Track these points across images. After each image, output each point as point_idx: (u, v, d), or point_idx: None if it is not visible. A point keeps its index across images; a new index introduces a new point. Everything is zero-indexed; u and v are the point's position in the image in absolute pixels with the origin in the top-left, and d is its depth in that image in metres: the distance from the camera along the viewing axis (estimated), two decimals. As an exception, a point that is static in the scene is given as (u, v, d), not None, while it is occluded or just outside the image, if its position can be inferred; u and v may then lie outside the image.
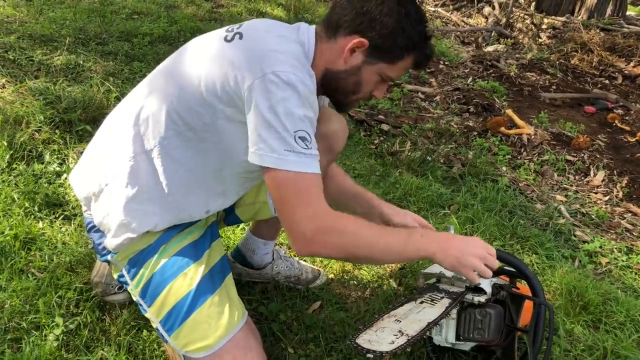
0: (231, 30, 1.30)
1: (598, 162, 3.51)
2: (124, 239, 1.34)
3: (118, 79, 3.27)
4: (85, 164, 1.45)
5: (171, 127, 1.28)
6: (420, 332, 1.30)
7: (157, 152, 1.30)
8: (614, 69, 5.73)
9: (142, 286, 1.34)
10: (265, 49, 1.20)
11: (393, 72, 1.33)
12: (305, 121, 1.18)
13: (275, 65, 1.16)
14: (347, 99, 1.38)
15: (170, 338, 1.31)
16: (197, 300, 1.30)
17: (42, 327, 1.61)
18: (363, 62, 1.30)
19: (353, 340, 1.24)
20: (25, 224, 1.98)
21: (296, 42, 1.27)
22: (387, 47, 1.27)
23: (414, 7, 1.28)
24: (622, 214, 2.98)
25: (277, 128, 1.15)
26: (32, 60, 3.25)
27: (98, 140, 1.45)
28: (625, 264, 2.43)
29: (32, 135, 2.48)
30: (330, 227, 1.20)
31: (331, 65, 1.31)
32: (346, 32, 1.28)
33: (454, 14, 7.63)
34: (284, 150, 1.15)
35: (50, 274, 1.78)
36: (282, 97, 1.15)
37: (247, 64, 1.18)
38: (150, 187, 1.32)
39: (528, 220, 2.66)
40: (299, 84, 1.16)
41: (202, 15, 5.19)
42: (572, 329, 1.88)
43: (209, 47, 1.29)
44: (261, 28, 1.30)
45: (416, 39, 1.28)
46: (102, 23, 4.19)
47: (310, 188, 1.19)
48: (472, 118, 4.04)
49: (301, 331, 1.74)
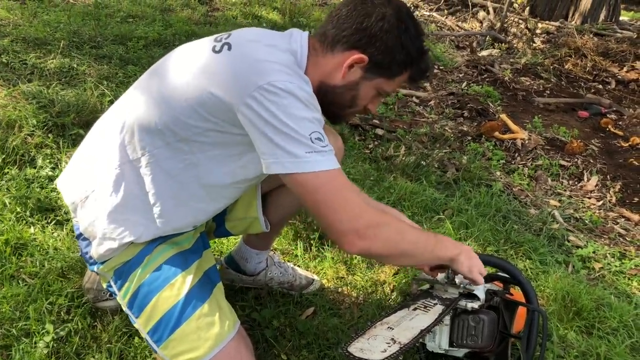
0: (219, 40, 1.27)
1: (591, 167, 3.52)
2: (106, 249, 1.31)
3: (112, 82, 3.25)
4: (73, 169, 1.43)
5: (159, 137, 1.26)
6: (412, 339, 1.29)
7: (146, 161, 1.28)
8: (607, 74, 5.76)
9: (129, 297, 1.32)
10: (255, 60, 1.18)
11: (390, 87, 1.33)
12: (314, 122, 1.17)
13: (269, 76, 1.14)
14: (342, 112, 1.37)
15: (159, 349, 1.29)
16: (185, 311, 1.28)
17: (33, 334, 1.59)
18: (361, 77, 1.28)
19: (345, 349, 1.24)
20: (17, 229, 1.97)
21: (287, 51, 1.25)
22: (386, 64, 1.27)
23: (413, 23, 1.27)
24: (615, 219, 2.99)
25: (290, 134, 1.13)
26: (25, 63, 3.24)
27: (86, 144, 1.43)
28: (619, 269, 2.44)
29: (25, 139, 2.47)
30: (377, 222, 1.22)
31: (327, 79, 1.29)
32: (344, 47, 1.26)
33: (449, 19, 7.66)
34: (305, 153, 1.14)
35: (41, 280, 1.77)
36: (285, 104, 1.13)
37: (239, 77, 1.16)
38: (135, 197, 1.30)
39: (522, 225, 2.67)
40: (297, 90, 1.14)
41: (197, 18, 5.18)
42: (566, 334, 1.88)
43: (197, 57, 1.26)
44: (250, 37, 1.27)
45: (414, 54, 1.28)
46: (96, 26, 4.18)
47: (344, 185, 1.19)
48: (467, 123, 4.05)
49: (294, 337, 1.73)
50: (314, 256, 2.14)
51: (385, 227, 1.23)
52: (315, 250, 2.17)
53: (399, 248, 1.26)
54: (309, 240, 2.20)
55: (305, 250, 2.16)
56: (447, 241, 1.41)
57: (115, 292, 1.37)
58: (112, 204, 1.30)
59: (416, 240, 1.31)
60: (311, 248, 2.17)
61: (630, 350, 1.85)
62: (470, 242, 2.36)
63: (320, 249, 2.18)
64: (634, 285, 2.34)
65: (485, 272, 1.45)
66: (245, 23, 5.48)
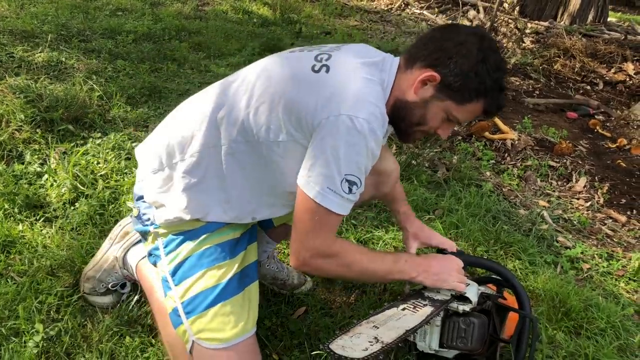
0: (320, 60, 1.34)
1: (580, 168, 3.55)
2: (174, 218, 1.39)
3: (101, 77, 3.22)
4: (154, 139, 1.51)
5: (242, 133, 1.33)
6: (396, 339, 1.29)
7: (225, 150, 1.36)
8: (596, 75, 5.81)
9: (175, 264, 1.41)
10: (348, 90, 1.25)
11: (460, 113, 1.34)
12: (361, 169, 1.25)
13: (353, 110, 1.22)
14: (410, 129, 1.40)
15: (187, 321, 1.37)
16: (224, 294, 1.38)
17: (22, 333, 1.58)
18: (432, 96, 1.32)
19: (327, 346, 1.24)
20: (5, 226, 1.94)
21: (378, 83, 1.31)
22: (457, 87, 1.29)
23: (495, 56, 1.30)
24: (602, 220, 3.02)
25: (331, 167, 1.23)
26: (12, 56, 3.19)
27: (173, 118, 1.51)
28: (606, 270, 2.46)
29: (12, 134, 2.43)
30: (330, 256, 1.34)
31: (402, 95, 1.34)
32: (422, 65, 1.31)
33: (439, 17, 7.67)
34: (327, 187, 1.24)
35: (30, 278, 1.75)
36: (348, 141, 1.21)
37: (328, 100, 1.24)
38: (211, 180, 1.39)
39: (511, 226, 2.69)
40: (369, 134, 1.22)
41: (187, 13, 5.14)
42: (554, 335, 1.90)
43: (296, 70, 1.34)
44: (349, 65, 1.32)
45: (489, 85, 1.29)
46: (85, 19, 4.13)
47: (330, 225, 1.31)
48: (457, 122, 4.07)
49: (286, 337, 1.73)
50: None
51: (333, 261, 1.35)
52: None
53: (343, 276, 1.54)
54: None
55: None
56: (407, 264, 1.46)
57: (160, 256, 1.44)
58: (188, 182, 1.39)
59: (365, 271, 1.41)
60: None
61: (618, 351, 1.87)
62: (460, 242, 2.38)
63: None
64: (621, 286, 2.37)
65: (460, 276, 1.50)
66: (236, 18, 5.45)
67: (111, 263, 1.72)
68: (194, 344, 1.36)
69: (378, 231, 2.36)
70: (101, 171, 2.32)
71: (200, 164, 1.39)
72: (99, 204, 2.13)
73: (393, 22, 7.26)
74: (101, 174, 2.30)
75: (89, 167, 2.33)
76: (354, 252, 1.39)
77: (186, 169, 1.40)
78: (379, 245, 2.25)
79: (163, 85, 3.27)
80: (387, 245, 2.27)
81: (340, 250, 1.36)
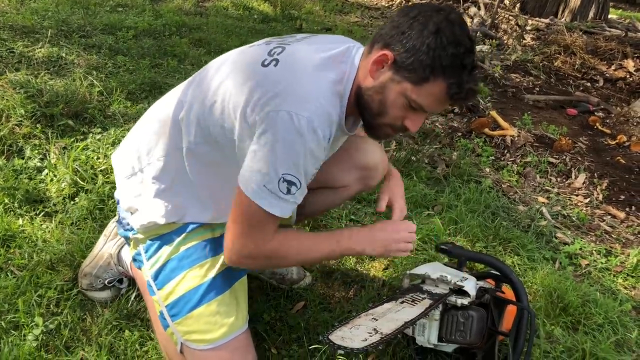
0: (272, 54, 1.28)
1: (579, 164, 3.55)
2: (148, 222, 1.39)
3: (101, 73, 3.22)
4: (126, 144, 1.50)
5: (200, 133, 1.31)
6: (395, 331, 1.30)
7: (187, 151, 1.34)
8: (596, 71, 5.81)
9: (156, 268, 1.39)
10: (292, 86, 1.19)
11: (420, 96, 1.19)
12: (300, 169, 1.18)
13: (294, 107, 1.15)
14: (374, 120, 1.28)
15: (174, 324, 1.35)
16: (208, 294, 1.35)
17: (22, 326, 1.58)
18: (389, 79, 1.20)
19: (326, 337, 1.25)
20: (5, 220, 1.95)
21: (333, 78, 1.23)
22: (410, 64, 1.16)
23: (452, 29, 1.14)
24: (601, 217, 3.03)
25: (268, 164, 1.16)
26: (12, 52, 3.19)
27: (142, 123, 1.50)
28: (604, 266, 2.47)
29: (12, 129, 2.43)
30: (261, 256, 1.29)
31: (362, 82, 1.25)
32: (379, 46, 1.21)
33: (440, 14, 7.66)
34: (263, 185, 1.18)
35: (30, 272, 1.75)
36: (285, 139, 1.15)
37: (271, 95, 1.18)
38: (181, 183, 1.38)
39: (510, 222, 2.69)
40: (308, 133, 1.15)
41: (188, 9, 5.14)
42: (552, 330, 1.90)
43: (246, 66, 1.29)
44: (301, 59, 1.25)
45: (446, 61, 1.14)
46: (85, 15, 4.12)
47: (265, 226, 1.25)
48: (457, 119, 4.07)
49: (284, 331, 1.74)
50: (304, 250, 2.14)
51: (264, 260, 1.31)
52: (305, 244, 2.17)
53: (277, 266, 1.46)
54: (300, 235, 2.20)
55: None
56: (351, 241, 1.37)
57: (143, 261, 1.43)
58: (159, 187, 1.38)
59: (303, 259, 1.41)
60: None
61: (615, 346, 1.88)
62: (459, 237, 2.38)
63: (310, 244, 2.18)
64: (619, 282, 2.37)
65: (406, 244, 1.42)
66: (236, 14, 5.45)
67: (106, 260, 1.73)
68: (182, 345, 1.35)
69: (377, 227, 2.36)
70: (101, 166, 2.33)
71: (168, 168, 1.37)
72: (99, 199, 2.14)
73: (393, 18, 7.25)
74: (101, 169, 2.31)
75: (89, 162, 2.34)
76: (291, 246, 1.32)
77: (155, 174, 1.38)
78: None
79: (163, 81, 3.27)
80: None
81: (273, 249, 1.29)
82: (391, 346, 1.70)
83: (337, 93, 1.23)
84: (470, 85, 1.18)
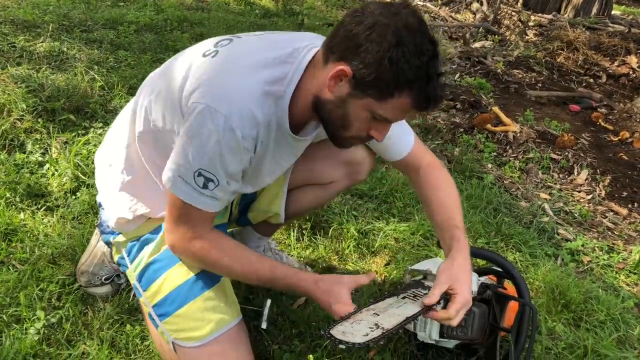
0: (217, 46, 1.25)
1: (582, 160, 3.54)
2: (119, 218, 1.40)
3: (103, 67, 3.22)
4: (103, 143, 1.53)
5: (147, 124, 1.29)
6: (396, 326, 1.29)
7: (138, 140, 1.34)
8: (599, 67, 5.79)
9: (139, 270, 1.38)
10: (219, 80, 1.16)
11: (385, 111, 1.13)
12: (215, 167, 1.16)
13: (215, 102, 1.12)
14: (337, 132, 1.22)
15: (162, 323, 1.34)
16: (193, 290, 1.33)
17: (23, 320, 1.58)
18: (348, 94, 1.12)
19: (327, 332, 1.24)
20: (7, 214, 1.95)
21: (270, 75, 1.17)
22: (371, 80, 1.08)
23: (413, 38, 1.06)
24: (604, 213, 3.02)
25: (183, 155, 1.16)
26: (14, 46, 3.18)
27: (116, 120, 1.52)
28: (606, 262, 2.46)
29: (14, 123, 2.43)
30: (190, 253, 1.29)
31: (320, 93, 1.17)
32: (334, 58, 1.12)
33: (442, 9, 7.64)
34: (178, 176, 1.18)
35: (32, 266, 1.75)
36: (201, 133, 1.13)
37: (198, 86, 1.15)
38: (142, 174, 1.37)
39: (512, 218, 2.69)
40: (224, 132, 1.11)
41: (189, 3, 5.13)
42: (554, 327, 1.90)
43: (190, 55, 1.27)
44: (239, 51, 1.22)
45: (410, 75, 1.06)
46: (86, 10, 4.12)
47: (189, 220, 1.24)
48: (459, 114, 4.06)
49: (286, 327, 1.74)
50: (306, 246, 2.14)
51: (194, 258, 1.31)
52: (307, 239, 2.17)
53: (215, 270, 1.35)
54: (302, 230, 2.20)
55: (298, 240, 2.17)
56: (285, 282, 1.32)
57: (127, 265, 1.43)
58: (123, 179, 1.39)
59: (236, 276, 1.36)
60: (303, 238, 2.17)
61: (617, 343, 1.88)
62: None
63: (312, 239, 2.18)
64: (622, 278, 2.37)
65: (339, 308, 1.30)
66: (238, 9, 5.43)
67: (100, 257, 1.72)
68: (174, 344, 1.34)
69: (379, 222, 2.36)
70: (102, 161, 2.32)
71: (130, 157, 1.38)
72: (100, 194, 2.13)
73: (396, 14, 7.22)
74: (102, 164, 2.31)
75: (90, 156, 2.33)
76: (224, 253, 1.29)
77: (120, 166, 1.40)
78: (379, 236, 2.25)
79: (164, 75, 3.27)
80: (387, 236, 2.27)
81: (200, 249, 1.27)
82: (392, 342, 1.70)
83: (270, 94, 1.16)
84: (436, 93, 1.11)
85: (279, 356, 1.62)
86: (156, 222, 1.40)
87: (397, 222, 2.38)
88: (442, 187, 1.52)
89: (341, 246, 2.16)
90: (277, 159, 1.32)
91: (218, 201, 1.23)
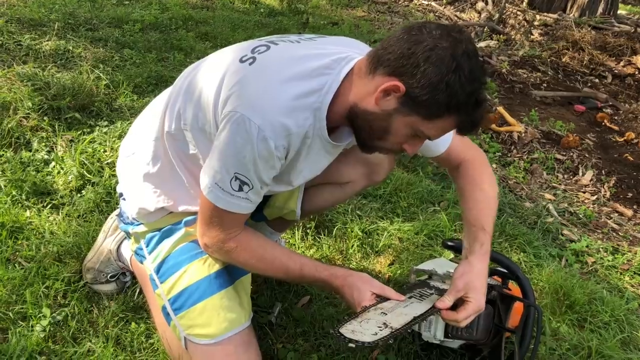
0: (254, 52, 1.26)
1: (587, 161, 3.54)
2: (140, 209, 1.42)
3: (108, 66, 3.23)
4: (130, 132, 1.56)
5: (178, 122, 1.32)
6: (404, 325, 1.30)
7: (169, 137, 1.35)
8: (604, 68, 5.77)
9: (158, 262, 1.40)
10: (255, 89, 1.18)
11: (429, 130, 1.17)
12: (250, 172, 1.19)
13: (250, 112, 1.15)
14: (371, 142, 1.25)
15: (176, 317, 1.35)
16: (211, 287, 1.35)
17: (29, 317, 1.59)
18: (395, 109, 1.14)
19: (337, 330, 1.24)
20: (13, 212, 1.96)
21: (307, 87, 1.19)
22: (424, 100, 1.10)
23: (469, 63, 1.09)
24: (608, 214, 3.01)
25: (220, 162, 1.19)
26: (20, 44, 3.20)
27: (145, 110, 1.53)
28: (611, 263, 2.46)
29: (20, 121, 2.44)
30: (223, 252, 1.33)
31: (360, 102, 1.18)
32: (385, 72, 1.13)
33: (447, 8, 7.62)
34: (215, 183, 1.21)
35: (38, 264, 1.76)
36: (237, 141, 1.16)
37: (235, 94, 1.18)
38: (170, 169, 1.39)
39: (517, 219, 2.68)
40: (257, 142, 1.15)
41: (195, 2, 5.13)
42: (558, 327, 1.90)
43: (226, 60, 1.28)
44: (276, 60, 1.24)
45: (462, 99, 1.10)
46: (92, 8, 4.13)
47: (221, 220, 1.27)
48: (464, 114, 4.05)
49: (290, 326, 1.74)
50: (310, 245, 2.15)
51: (224, 255, 1.34)
52: (311, 239, 2.17)
53: (246, 267, 1.38)
54: (306, 230, 2.20)
55: (302, 240, 2.17)
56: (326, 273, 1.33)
57: (144, 256, 1.44)
58: (148, 170, 1.40)
59: (264, 272, 1.40)
60: (307, 237, 2.18)
61: (622, 344, 1.88)
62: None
63: (316, 238, 2.18)
64: (626, 280, 2.36)
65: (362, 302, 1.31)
66: (243, 8, 5.44)
67: (106, 255, 1.74)
68: (186, 340, 1.35)
69: (383, 222, 2.36)
70: (107, 159, 2.33)
71: (157, 152, 1.40)
72: (105, 192, 2.14)
73: (401, 13, 7.22)
74: (107, 162, 2.32)
75: (95, 155, 2.34)
76: (254, 253, 1.33)
77: (146, 158, 1.41)
78: (383, 236, 2.25)
79: (170, 74, 3.27)
80: (391, 236, 2.27)
81: (231, 249, 1.31)
82: (397, 342, 1.70)
83: (305, 106, 1.19)
84: (480, 117, 1.17)
85: (283, 355, 1.63)
86: (178, 216, 1.42)
87: (402, 221, 2.38)
88: (481, 186, 1.50)
89: (345, 246, 2.16)
90: (315, 162, 1.35)
91: (251, 203, 1.26)
